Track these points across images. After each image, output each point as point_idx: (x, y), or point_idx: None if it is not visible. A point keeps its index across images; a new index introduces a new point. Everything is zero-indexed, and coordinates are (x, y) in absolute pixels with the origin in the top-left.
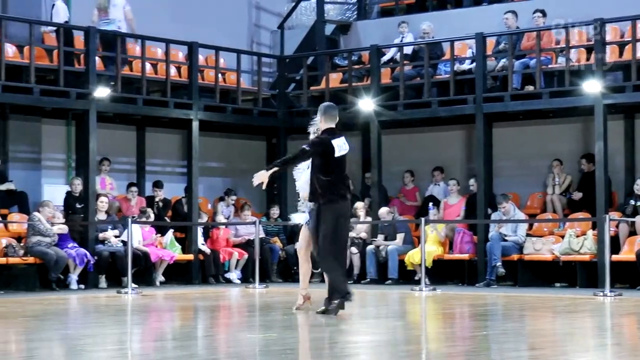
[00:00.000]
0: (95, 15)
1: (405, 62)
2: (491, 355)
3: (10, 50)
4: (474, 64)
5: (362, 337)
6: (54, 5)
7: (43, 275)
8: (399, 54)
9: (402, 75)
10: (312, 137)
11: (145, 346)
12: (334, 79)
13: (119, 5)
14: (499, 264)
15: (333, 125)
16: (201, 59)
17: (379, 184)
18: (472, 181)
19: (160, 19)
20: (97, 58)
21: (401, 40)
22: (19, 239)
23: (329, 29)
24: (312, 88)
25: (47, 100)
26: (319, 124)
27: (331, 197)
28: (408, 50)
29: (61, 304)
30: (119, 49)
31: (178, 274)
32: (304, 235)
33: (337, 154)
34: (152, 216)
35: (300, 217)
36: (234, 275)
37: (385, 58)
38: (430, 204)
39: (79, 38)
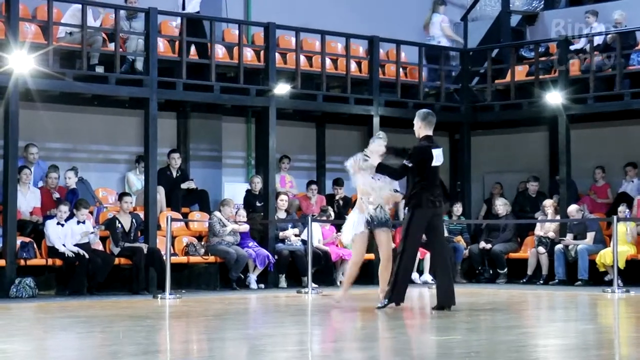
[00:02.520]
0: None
1: (595, 52)
2: None
3: (191, 48)
4: None
5: (551, 341)
6: None
7: (224, 275)
8: (588, 44)
9: (592, 67)
10: (350, 168)
11: (326, 347)
12: (520, 72)
13: (437, 22)
14: None
15: (431, 133)
16: (382, 53)
17: (567, 181)
18: None
19: (340, 12)
20: (276, 54)
21: (590, 30)
22: (199, 237)
23: (514, 19)
24: (496, 81)
25: (228, 97)
26: (359, 160)
27: (421, 202)
28: (598, 40)
29: (241, 304)
30: (442, 62)
31: (359, 273)
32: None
33: (434, 163)
34: (333, 215)
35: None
36: (415, 275)
37: (574, 48)
38: (622, 206)
39: (259, 34)
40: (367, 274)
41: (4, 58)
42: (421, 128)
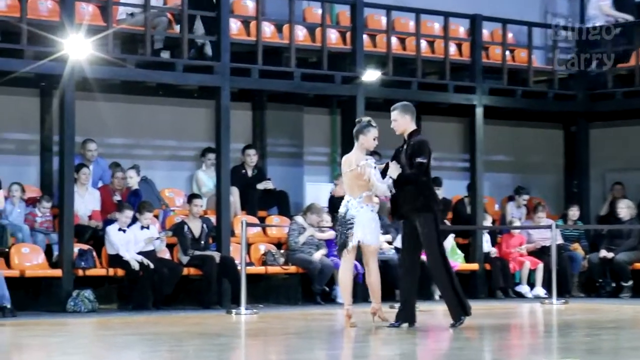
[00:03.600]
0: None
1: None
2: None
3: (268, 30)
4: None
5: None
6: None
7: (306, 287)
8: None
9: None
10: (366, 170)
11: None
12: None
13: (594, 1)
14: None
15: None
16: (485, 34)
17: None
18: None
19: None
20: (365, 36)
21: None
22: (279, 245)
23: None
24: (619, 66)
25: (309, 86)
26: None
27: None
28: None
29: (326, 320)
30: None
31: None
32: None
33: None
34: None
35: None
36: (526, 288)
37: None
38: None
39: (344, 13)
40: (468, 286)
41: (58, 43)
42: (409, 122)
